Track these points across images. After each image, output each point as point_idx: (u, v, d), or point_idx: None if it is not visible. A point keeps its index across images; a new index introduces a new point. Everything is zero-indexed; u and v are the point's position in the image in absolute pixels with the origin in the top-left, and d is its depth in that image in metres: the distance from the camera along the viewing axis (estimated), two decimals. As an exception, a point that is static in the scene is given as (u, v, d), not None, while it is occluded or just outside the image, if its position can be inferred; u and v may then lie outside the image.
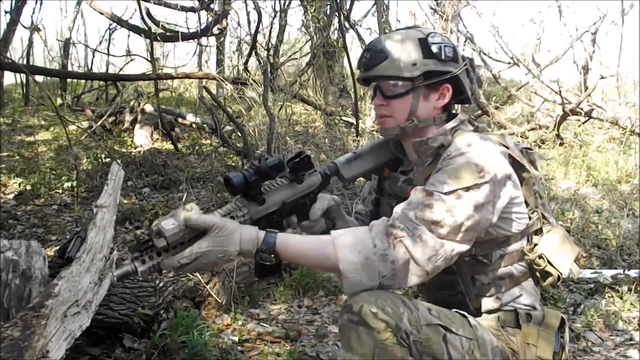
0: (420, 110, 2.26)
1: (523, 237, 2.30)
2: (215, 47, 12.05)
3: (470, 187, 2.04)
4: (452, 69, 2.25)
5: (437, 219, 2.00)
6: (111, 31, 14.89)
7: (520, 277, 2.30)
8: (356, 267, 1.95)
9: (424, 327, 1.99)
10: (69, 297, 2.91)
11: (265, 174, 2.10)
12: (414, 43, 2.22)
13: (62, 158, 8.81)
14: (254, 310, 4.13)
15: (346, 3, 8.65)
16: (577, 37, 11.30)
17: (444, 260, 2.02)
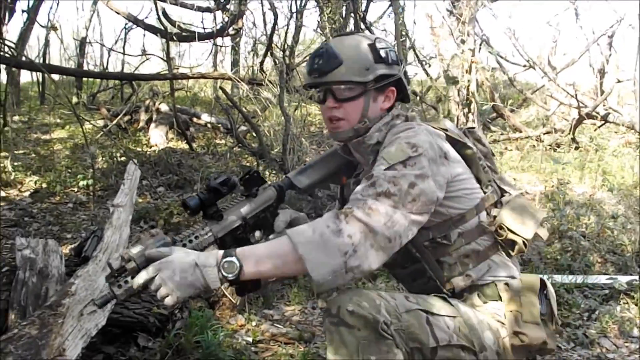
0: (370, 112, 2.33)
1: (480, 212, 2.33)
2: (231, 47, 12.06)
3: (406, 160, 2.09)
4: (396, 72, 2.33)
5: (382, 190, 2.03)
6: (127, 30, 14.96)
7: (486, 251, 2.33)
8: (314, 246, 1.91)
9: (404, 314, 2.03)
10: (85, 295, 2.93)
11: (216, 190, 2.15)
12: (365, 48, 2.30)
13: (78, 156, 8.84)
14: (268, 311, 4.14)
15: (362, 4, 8.66)
16: (594, 40, 11.27)
17: (402, 228, 2.01)
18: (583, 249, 5.20)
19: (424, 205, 2.08)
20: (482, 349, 2.15)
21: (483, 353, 2.14)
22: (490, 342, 2.18)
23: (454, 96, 6.06)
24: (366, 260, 1.93)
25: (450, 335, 2.08)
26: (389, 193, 2.02)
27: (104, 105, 11.97)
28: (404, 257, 2.32)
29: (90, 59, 17.23)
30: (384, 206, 2.00)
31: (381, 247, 1.96)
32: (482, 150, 2.46)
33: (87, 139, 7.31)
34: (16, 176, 7.68)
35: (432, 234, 2.27)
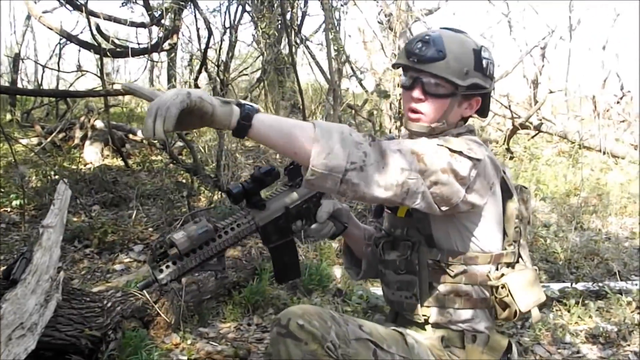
0: (451, 116, 2.31)
1: (492, 263, 2.30)
2: (167, 62, 12.00)
3: (456, 151, 2.07)
4: (488, 86, 2.32)
5: (418, 150, 2.02)
6: (61, 46, 14.75)
7: (477, 301, 2.30)
8: (330, 137, 1.87)
9: (353, 341, 2.04)
10: (13, 319, 2.88)
11: (261, 180, 2.19)
12: (470, 52, 2.26)
13: (10, 176, 8.69)
14: (204, 329, 4.12)
15: (297, 18, 8.68)
16: (527, 52, 11.42)
17: (414, 186, 1.98)
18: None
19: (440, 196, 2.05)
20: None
21: None
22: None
23: (386, 109, 6.10)
24: (366, 186, 1.90)
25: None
26: (421, 158, 2.00)
27: (38, 122, 11.79)
28: (402, 263, 2.33)
29: (24, 75, 17.00)
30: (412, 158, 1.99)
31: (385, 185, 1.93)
32: (522, 213, 2.41)
33: (15, 159, 7.20)
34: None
35: (441, 256, 2.26)
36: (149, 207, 7.10)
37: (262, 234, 2.28)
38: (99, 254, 5.69)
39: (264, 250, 4.85)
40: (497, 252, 2.31)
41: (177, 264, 2.04)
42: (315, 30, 10.15)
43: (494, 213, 2.28)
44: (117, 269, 5.28)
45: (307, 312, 2.03)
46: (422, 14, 8.61)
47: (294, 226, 2.36)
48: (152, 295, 3.94)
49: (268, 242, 2.32)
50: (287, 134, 1.88)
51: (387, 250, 2.41)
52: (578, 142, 9.50)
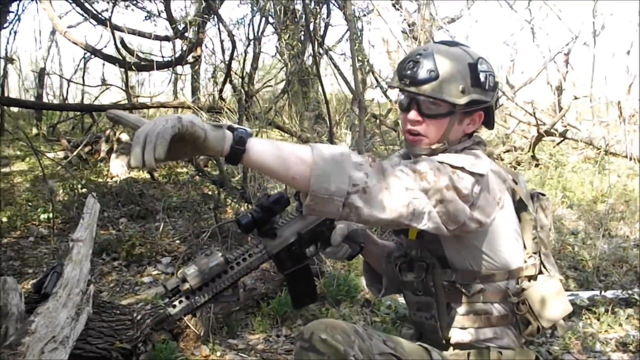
0: (452, 134, 2.27)
1: (511, 278, 2.27)
2: (191, 75, 12.06)
3: (459, 167, 2.04)
4: (490, 99, 2.26)
5: (421, 169, 1.99)
6: (86, 60, 14.88)
7: (499, 320, 2.27)
8: (330, 159, 1.82)
9: (377, 355, 2.02)
10: (46, 333, 2.90)
11: (270, 210, 2.18)
12: (465, 68, 2.20)
13: (38, 189, 8.75)
14: (233, 340, 4.12)
15: (320, 29, 8.70)
16: (550, 59, 11.40)
17: (420, 207, 1.94)
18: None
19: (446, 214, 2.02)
20: None
21: None
22: None
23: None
24: (368, 208, 1.85)
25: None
26: (424, 177, 1.97)
27: (64, 136, 11.87)
28: (419, 284, 2.31)
29: (50, 89, 17.13)
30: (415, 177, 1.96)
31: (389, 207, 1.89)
32: (541, 221, 2.37)
33: (45, 173, 7.26)
34: (-25, 211, 7.60)
35: (456, 277, 2.23)
36: (176, 220, 7.14)
37: (276, 262, 2.28)
38: (127, 266, 5.72)
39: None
40: (515, 266, 2.27)
41: (190, 299, 2.08)
42: (338, 40, 10.18)
43: (507, 227, 2.24)
44: (146, 282, 5.31)
45: (331, 326, 2.02)
46: (445, 22, 8.63)
47: (307, 251, 2.34)
48: (181, 307, 3.95)
49: (282, 269, 2.31)
50: (284, 158, 1.82)
51: (405, 272, 2.38)
52: (604, 149, 9.42)
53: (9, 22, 11.67)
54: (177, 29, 8.91)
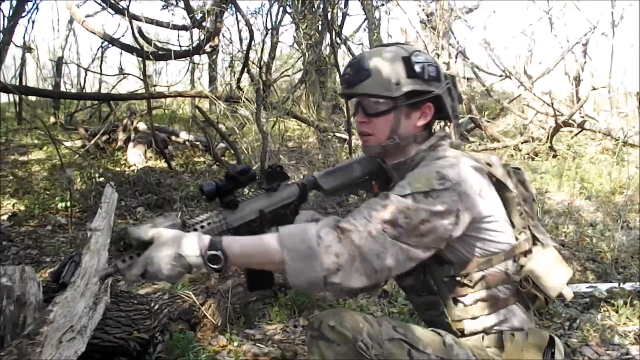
0: (401, 129, 2.27)
1: (508, 259, 2.26)
2: (208, 64, 12.05)
3: (428, 192, 2.04)
4: (435, 89, 2.26)
5: (390, 218, 1.98)
6: (103, 49, 14.91)
7: (506, 300, 2.26)
8: (299, 255, 1.89)
9: (386, 342, 2.01)
10: (64, 322, 2.91)
11: (234, 179, 2.16)
12: (398, 62, 2.22)
13: (56, 178, 8.79)
14: (250, 330, 4.12)
15: (337, 19, 8.68)
16: (568, 49, 11.30)
17: (394, 262, 1.97)
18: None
19: (431, 242, 2.04)
20: None
21: None
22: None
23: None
24: (347, 281, 1.91)
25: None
26: (395, 223, 1.98)
27: (81, 125, 11.90)
28: (421, 285, 2.31)
29: (67, 78, 17.18)
30: (384, 236, 1.96)
31: (366, 274, 1.93)
32: (523, 194, 2.40)
33: (62, 162, 7.28)
34: (-7, 200, 7.64)
35: (454, 271, 2.22)
36: (193, 209, 7.15)
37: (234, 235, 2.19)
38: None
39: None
40: (509, 246, 2.26)
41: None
42: (355, 29, 10.16)
43: (493, 212, 2.23)
44: (163, 271, 5.30)
45: (339, 314, 2.03)
46: (463, 12, 8.58)
47: (268, 231, 2.26)
48: (198, 297, 3.96)
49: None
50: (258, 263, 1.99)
51: (402, 277, 2.35)
52: (622, 140, 9.35)
53: (27, 11, 11.73)
54: (194, 18, 8.90)
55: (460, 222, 2.08)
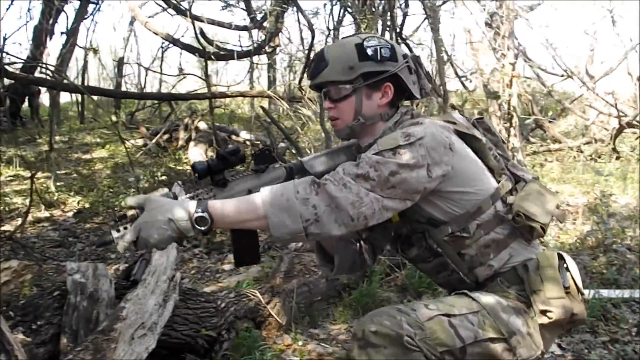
0: (364, 109, 2.39)
1: (496, 201, 2.35)
2: (267, 64, 12.13)
3: (395, 148, 2.16)
4: (390, 68, 2.36)
5: (362, 172, 2.11)
6: (164, 50, 15.10)
7: (506, 240, 2.35)
8: (279, 208, 2.03)
9: (426, 322, 2.08)
10: (135, 319, 2.96)
11: (225, 159, 2.26)
12: (351, 48, 2.35)
13: (119, 176, 8.93)
14: (314, 330, 4.13)
15: (397, 18, 8.66)
16: (632, 48, 11.14)
17: (370, 210, 2.10)
18: (629, 263, 5.13)
19: (403, 193, 2.15)
20: (511, 334, 2.18)
21: (514, 338, 2.18)
22: (518, 325, 2.22)
23: (494, 110, 6.04)
24: (326, 230, 2.06)
25: (476, 331, 2.13)
26: (367, 176, 2.11)
27: (142, 124, 12.07)
28: (426, 252, 2.39)
29: (128, 78, 17.44)
30: (358, 186, 2.09)
31: (344, 223, 2.06)
32: (492, 140, 2.52)
33: (131, 161, 7.39)
34: (59, 196, 7.79)
35: (451, 228, 2.31)
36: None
37: None
38: (207, 254, 5.80)
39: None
40: (493, 190, 2.36)
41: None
42: (414, 29, 10.12)
43: (468, 162, 2.33)
44: (226, 269, 5.36)
45: (376, 316, 2.09)
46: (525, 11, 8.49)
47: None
48: (264, 296, 3.99)
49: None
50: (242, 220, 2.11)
51: (407, 250, 2.49)
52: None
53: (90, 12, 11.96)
54: (255, 18, 8.96)
55: (433, 174, 2.18)
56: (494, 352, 2.15)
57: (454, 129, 2.37)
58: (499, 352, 2.16)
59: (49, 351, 3.03)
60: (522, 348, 2.19)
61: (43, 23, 10.12)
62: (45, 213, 7.17)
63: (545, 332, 2.30)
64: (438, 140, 2.21)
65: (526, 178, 2.50)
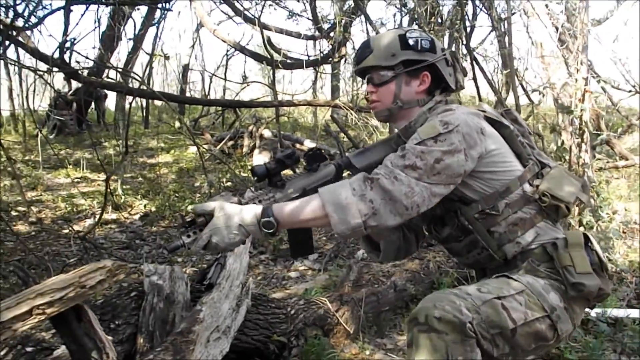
0: (403, 94, 2.55)
1: (523, 183, 2.51)
2: (332, 73, 12.19)
3: (436, 136, 2.30)
4: (429, 59, 2.53)
5: (410, 163, 2.24)
6: (228, 57, 15.24)
7: (532, 219, 2.49)
8: (338, 206, 2.14)
9: (482, 306, 2.18)
10: (211, 322, 3.01)
11: (281, 162, 2.39)
12: (394, 37, 2.53)
13: (184, 181, 9.04)
14: (381, 340, 4.14)
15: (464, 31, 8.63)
16: None
17: (421, 199, 2.21)
18: None
19: (448, 178, 2.28)
20: (552, 310, 2.30)
21: (554, 313, 2.30)
22: (557, 301, 2.34)
23: (565, 126, 5.98)
24: (383, 221, 2.16)
25: (525, 312, 2.24)
26: (415, 166, 2.23)
27: (207, 130, 12.20)
28: (458, 231, 2.55)
29: (192, 84, 17.64)
30: (408, 177, 2.21)
31: (399, 213, 2.17)
32: (520, 130, 2.64)
33: (204, 166, 7.49)
34: (126, 199, 7.91)
35: (481, 206, 2.46)
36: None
37: None
38: (274, 260, 5.85)
39: (442, 264, 4.86)
40: (521, 172, 2.50)
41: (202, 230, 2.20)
42: (480, 42, 10.09)
43: (499, 146, 2.47)
44: (293, 276, 5.40)
45: (437, 301, 2.15)
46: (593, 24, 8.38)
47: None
48: (333, 304, 4.01)
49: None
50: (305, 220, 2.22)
51: (440, 230, 2.63)
52: None
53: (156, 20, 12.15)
54: (322, 28, 9.01)
55: (469, 157, 2.33)
56: (540, 330, 2.27)
57: (484, 115, 2.52)
58: (544, 329, 2.28)
59: (125, 350, 3.10)
60: (562, 323, 2.32)
61: (112, 27, 10.32)
62: (113, 215, 7.30)
63: (576, 307, 2.41)
64: (471, 125, 2.36)
65: (551, 164, 2.64)
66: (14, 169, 8.30)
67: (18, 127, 13.69)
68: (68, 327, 2.15)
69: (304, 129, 12.88)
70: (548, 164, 2.64)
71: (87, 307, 2.21)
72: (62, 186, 8.97)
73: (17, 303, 1.92)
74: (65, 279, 2.06)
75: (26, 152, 11.42)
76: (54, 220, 7.10)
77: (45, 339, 2.90)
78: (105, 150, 11.76)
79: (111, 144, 11.89)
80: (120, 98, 12.81)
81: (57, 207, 7.64)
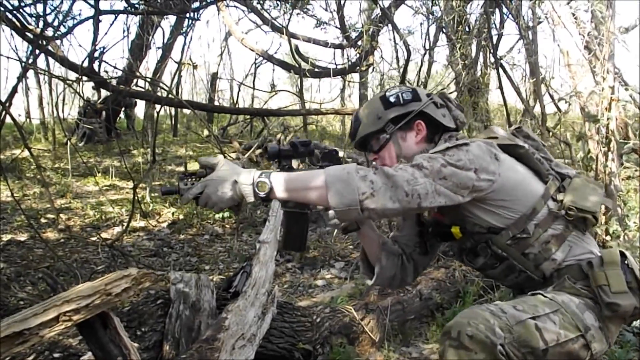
0: (404, 151, 2.62)
1: (547, 201, 2.51)
2: (359, 82, 12.19)
3: (444, 150, 2.34)
4: (415, 108, 2.60)
5: (416, 163, 2.27)
6: (257, 66, 15.31)
7: (563, 234, 2.49)
8: (339, 179, 2.14)
9: (515, 326, 2.17)
10: (236, 330, 3.02)
11: (295, 146, 2.45)
12: (377, 102, 2.65)
13: (212, 189, 9.06)
14: (406, 348, 4.14)
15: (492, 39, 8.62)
16: None
17: (424, 190, 2.21)
18: None
19: (454, 186, 2.27)
20: (587, 330, 2.28)
21: (589, 333, 2.28)
22: (592, 320, 2.33)
23: (592, 134, 5.94)
24: (381, 204, 2.15)
25: (558, 332, 2.21)
26: (421, 166, 2.25)
27: (235, 138, 12.25)
28: (492, 259, 2.54)
29: (221, 93, 17.72)
30: (413, 169, 2.23)
31: (398, 199, 2.16)
32: (533, 145, 2.68)
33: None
34: (154, 207, 7.96)
35: (512, 232, 2.45)
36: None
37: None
38: (300, 268, 5.86)
39: (468, 273, 4.85)
40: (543, 190, 2.52)
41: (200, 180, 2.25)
42: (507, 50, 10.05)
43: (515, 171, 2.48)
44: (319, 285, 5.42)
45: (472, 318, 2.15)
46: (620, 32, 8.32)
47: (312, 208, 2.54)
48: (358, 312, 4.01)
49: (284, 204, 2.51)
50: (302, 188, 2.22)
51: (473, 260, 2.64)
52: None
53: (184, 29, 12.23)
54: (349, 37, 9.03)
55: (481, 177, 2.33)
56: (573, 350, 2.24)
57: (496, 143, 2.52)
58: (577, 349, 2.25)
59: (151, 357, 3.13)
60: (596, 342, 2.30)
61: (141, 36, 10.40)
62: (141, 223, 7.35)
63: (611, 325, 2.39)
64: (483, 149, 2.38)
65: (570, 174, 2.64)
66: (44, 176, 8.40)
67: (48, 135, 13.83)
68: (94, 334, 2.18)
69: (332, 138, 12.91)
70: (568, 174, 2.64)
71: (113, 314, 2.24)
72: (90, 194, 9.05)
73: (44, 310, 1.95)
74: (91, 287, 2.09)
75: (55, 160, 11.54)
76: (82, 227, 7.17)
77: (72, 345, 2.94)
78: (134, 158, 11.86)
79: (139, 152, 11.98)
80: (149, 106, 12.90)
81: (85, 215, 7.70)
